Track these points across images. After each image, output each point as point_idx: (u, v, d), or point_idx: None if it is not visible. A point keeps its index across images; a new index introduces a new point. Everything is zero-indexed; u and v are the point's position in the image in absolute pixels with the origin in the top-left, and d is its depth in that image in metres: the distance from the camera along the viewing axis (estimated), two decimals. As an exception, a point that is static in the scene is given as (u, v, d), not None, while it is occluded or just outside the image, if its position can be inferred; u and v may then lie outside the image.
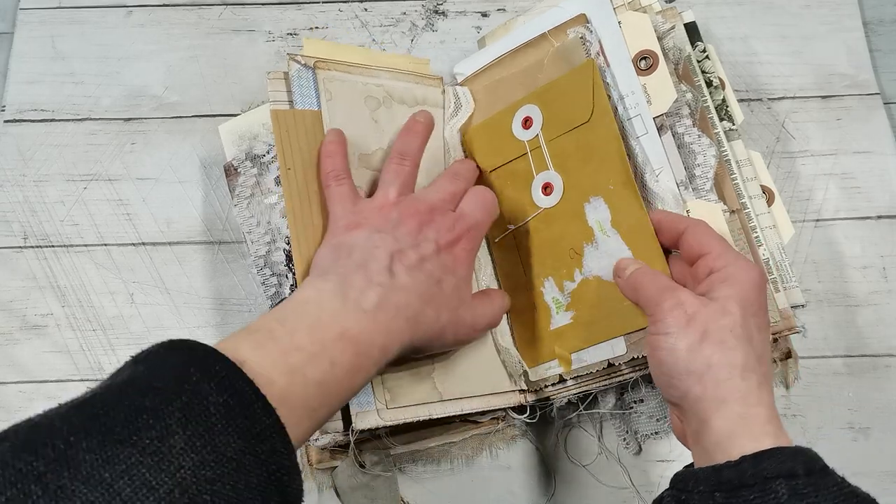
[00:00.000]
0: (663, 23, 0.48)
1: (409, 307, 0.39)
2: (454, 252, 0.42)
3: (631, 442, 0.51)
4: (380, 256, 0.39)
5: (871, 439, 0.52)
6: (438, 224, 0.42)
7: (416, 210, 0.42)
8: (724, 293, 0.38)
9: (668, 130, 0.46)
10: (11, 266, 0.56)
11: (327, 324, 0.36)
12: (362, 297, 0.37)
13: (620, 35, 0.48)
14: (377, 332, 0.37)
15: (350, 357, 0.36)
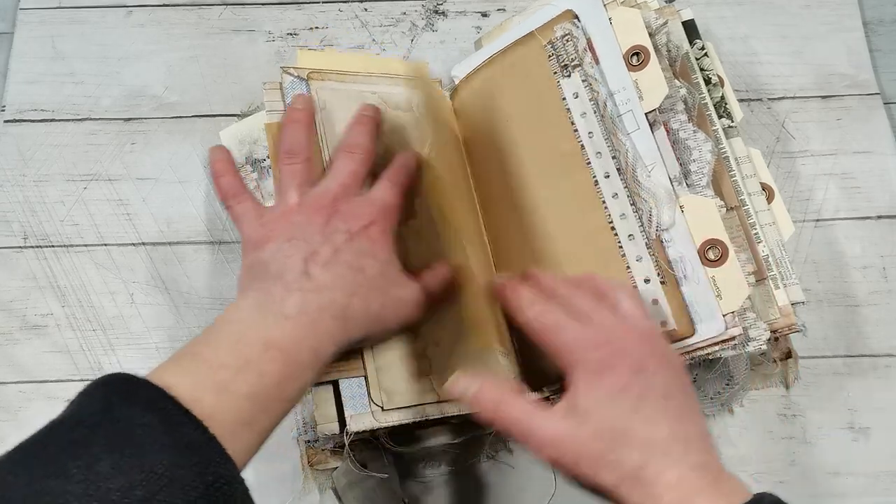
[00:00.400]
0: (656, 18, 0.48)
1: (333, 304, 0.38)
2: (369, 235, 0.42)
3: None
4: (293, 263, 0.39)
5: (871, 439, 0.52)
6: (345, 213, 0.42)
7: (318, 206, 0.42)
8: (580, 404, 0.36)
9: (660, 126, 0.46)
10: (11, 266, 0.56)
11: (251, 337, 0.36)
12: (283, 305, 0.37)
13: (611, 31, 0.48)
14: (304, 337, 0.37)
15: (279, 366, 0.35)
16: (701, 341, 0.43)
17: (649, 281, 0.44)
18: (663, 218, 0.44)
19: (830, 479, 0.51)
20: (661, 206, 0.44)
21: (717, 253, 0.43)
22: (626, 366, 0.36)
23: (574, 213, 0.47)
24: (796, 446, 0.52)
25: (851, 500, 0.51)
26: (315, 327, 0.37)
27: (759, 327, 0.43)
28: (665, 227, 0.44)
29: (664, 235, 0.45)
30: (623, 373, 0.36)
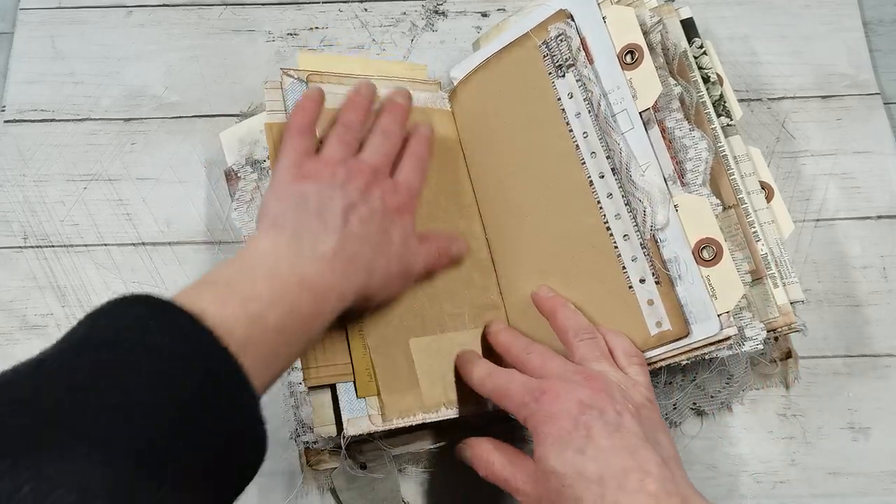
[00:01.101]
0: (651, 17, 0.48)
1: (363, 255, 0.40)
2: (400, 215, 0.44)
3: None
4: (334, 206, 0.40)
5: (871, 439, 0.52)
6: (383, 187, 0.43)
7: (360, 170, 0.43)
8: (538, 453, 0.38)
9: (655, 125, 0.46)
10: (11, 266, 0.56)
11: (285, 272, 0.36)
12: (319, 243, 0.38)
13: (605, 30, 0.47)
14: (335, 279, 0.38)
15: (308, 303, 0.36)
16: (696, 342, 0.43)
17: (644, 281, 0.44)
18: (657, 218, 0.44)
19: (830, 479, 0.51)
20: (656, 206, 0.44)
21: (712, 252, 0.43)
22: (567, 410, 0.37)
23: (569, 213, 0.47)
24: (796, 446, 0.52)
25: (851, 500, 0.51)
26: (346, 273, 0.38)
27: (755, 327, 0.43)
28: (659, 227, 0.44)
29: (659, 235, 0.44)
30: (564, 417, 0.37)
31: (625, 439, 0.36)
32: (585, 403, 0.37)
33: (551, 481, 0.37)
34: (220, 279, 0.35)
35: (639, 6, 0.48)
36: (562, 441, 0.37)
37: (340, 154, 0.43)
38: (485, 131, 0.52)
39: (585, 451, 0.36)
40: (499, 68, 0.51)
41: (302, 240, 0.38)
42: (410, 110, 0.49)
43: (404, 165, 0.46)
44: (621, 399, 0.38)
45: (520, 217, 0.50)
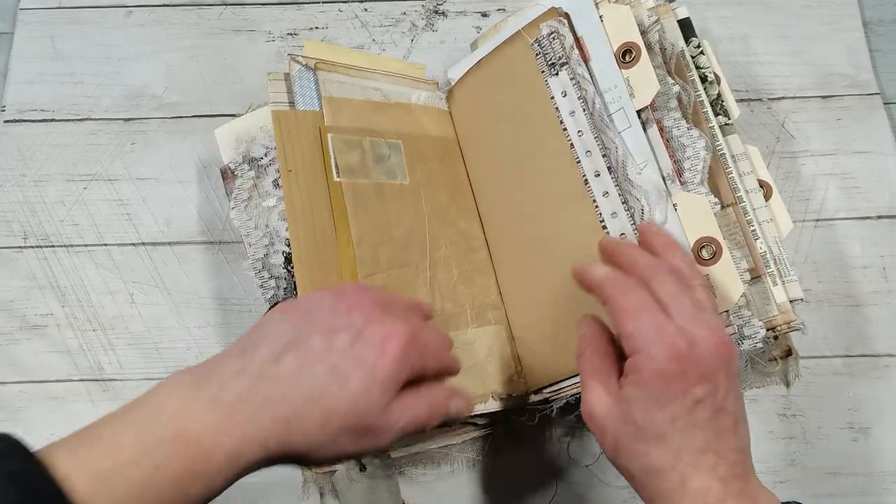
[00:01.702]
0: (649, 17, 0.48)
1: (282, 403, 0.32)
2: (384, 347, 0.34)
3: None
4: (276, 342, 0.34)
5: (871, 439, 0.52)
6: (373, 315, 0.35)
7: (354, 293, 0.36)
8: (627, 393, 0.35)
9: (653, 124, 0.46)
10: (11, 266, 0.56)
11: (165, 419, 0.31)
12: (222, 388, 0.32)
13: (602, 28, 0.47)
14: (226, 433, 0.31)
15: (183, 461, 0.30)
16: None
17: None
18: (655, 216, 0.44)
19: (830, 479, 0.51)
20: (653, 204, 0.44)
21: (711, 251, 0.43)
22: (693, 377, 0.34)
23: (565, 211, 0.47)
24: (796, 446, 0.52)
25: (851, 500, 0.51)
26: (247, 427, 0.31)
27: (753, 325, 0.43)
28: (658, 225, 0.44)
29: None
30: (686, 384, 0.34)
31: (719, 423, 0.35)
32: (706, 377, 0.35)
33: (627, 426, 0.35)
34: (96, 424, 0.31)
35: (636, 6, 0.48)
36: (660, 402, 0.35)
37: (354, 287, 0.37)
38: (481, 131, 0.52)
39: (677, 422, 0.34)
40: (492, 68, 0.51)
41: (205, 381, 0.32)
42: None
43: (429, 325, 0.38)
44: (734, 380, 0.36)
45: (516, 216, 0.50)
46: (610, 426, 0.36)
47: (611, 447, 0.36)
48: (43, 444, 0.49)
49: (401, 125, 0.51)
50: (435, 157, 0.52)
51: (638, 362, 0.35)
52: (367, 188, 0.47)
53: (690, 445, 0.35)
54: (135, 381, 0.54)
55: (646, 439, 0.35)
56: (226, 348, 0.34)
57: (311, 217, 0.45)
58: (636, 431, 0.35)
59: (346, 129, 0.48)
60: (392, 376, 0.34)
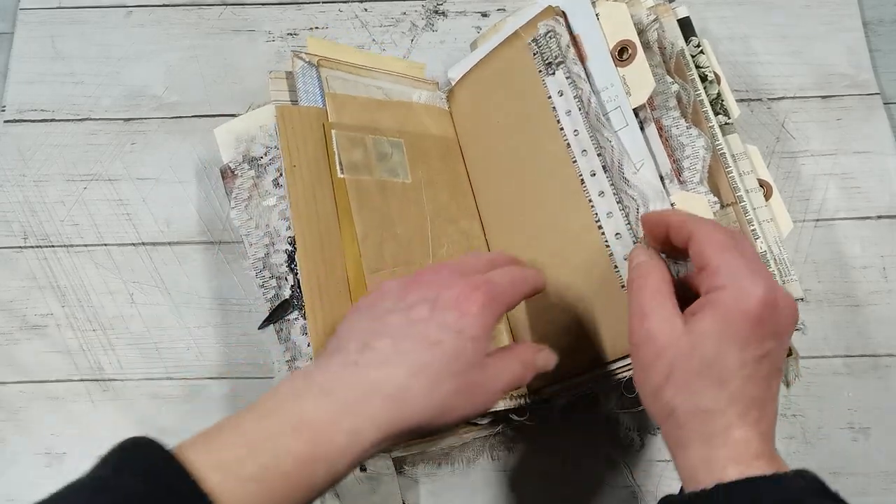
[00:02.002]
0: (647, 16, 0.48)
1: (387, 383, 0.34)
2: (461, 307, 0.36)
3: (634, 438, 0.51)
4: (360, 335, 0.36)
5: (871, 439, 0.52)
6: (442, 280, 0.37)
7: (417, 275, 0.38)
8: (704, 326, 0.34)
9: (651, 123, 0.46)
10: (11, 266, 0.56)
11: (283, 411, 0.33)
12: (328, 380, 0.34)
13: (598, 26, 0.47)
14: (342, 414, 0.33)
15: (304, 445, 0.32)
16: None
17: None
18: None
19: (830, 479, 0.51)
20: (648, 204, 0.44)
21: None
22: (770, 330, 0.34)
23: (561, 211, 0.47)
24: (796, 446, 0.52)
25: (851, 500, 0.50)
26: (358, 407, 0.33)
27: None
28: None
29: None
30: (764, 333, 0.34)
31: (772, 383, 0.35)
32: (779, 334, 0.34)
33: (692, 360, 0.34)
34: (221, 423, 0.33)
35: (635, 5, 0.48)
36: (737, 343, 0.33)
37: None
38: (480, 131, 0.52)
39: (744, 368, 0.34)
40: (491, 68, 0.51)
41: (313, 376, 0.34)
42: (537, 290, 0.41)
43: (499, 270, 0.39)
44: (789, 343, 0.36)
45: (515, 216, 0.50)
46: (670, 354, 0.34)
47: (661, 376, 0.34)
48: (43, 443, 0.49)
49: (403, 124, 0.51)
50: (436, 156, 0.52)
51: (722, 298, 0.34)
52: (371, 185, 0.47)
53: (745, 395, 0.34)
54: (135, 381, 0.54)
55: (707, 377, 0.33)
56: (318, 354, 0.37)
57: (315, 213, 0.45)
58: (700, 367, 0.34)
59: (349, 126, 0.48)
60: (480, 328, 0.36)
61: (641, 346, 0.35)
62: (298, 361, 0.45)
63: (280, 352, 0.46)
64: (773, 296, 0.34)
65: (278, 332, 0.46)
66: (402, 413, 0.34)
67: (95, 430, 0.52)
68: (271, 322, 0.47)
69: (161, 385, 0.54)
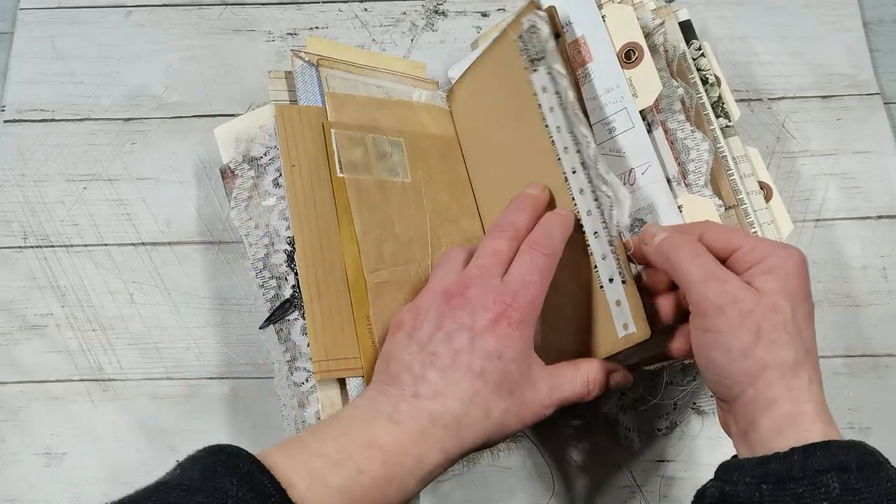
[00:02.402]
0: (653, 19, 0.48)
1: (445, 413, 0.36)
2: (497, 331, 0.37)
3: (633, 439, 0.51)
4: (410, 364, 0.38)
5: (871, 439, 0.52)
6: (474, 303, 0.38)
7: (450, 294, 0.39)
8: (771, 286, 0.35)
9: (659, 126, 0.46)
10: (11, 266, 0.56)
11: (356, 433, 0.36)
12: (394, 409, 0.36)
13: (604, 28, 0.47)
14: (410, 443, 0.36)
15: (379, 465, 0.35)
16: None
17: (612, 280, 0.42)
18: (622, 219, 0.42)
19: (830, 479, 0.51)
20: (620, 207, 0.42)
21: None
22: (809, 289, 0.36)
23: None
24: (796, 446, 0.52)
25: (851, 500, 0.51)
26: (423, 435, 0.36)
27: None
28: (623, 228, 0.42)
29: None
30: (809, 288, 0.36)
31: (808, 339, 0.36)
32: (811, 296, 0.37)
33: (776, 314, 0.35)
34: (295, 438, 0.36)
35: (638, 8, 0.48)
36: (799, 295, 0.35)
37: (451, 274, 0.40)
38: (478, 129, 0.52)
39: (807, 318, 0.36)
40: (484, 67, 0.51)
41: (378, 406, 0.37)
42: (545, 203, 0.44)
43: (517, 261, 0.40)
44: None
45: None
46: (758, 313, 0.34)
47: (750, 335, 0.34)
48: (43, 443, 0.49)
49: (403, 123, 0.51)
50: (436, 155, 0.52)
51: (773, 263, 0.36)
52: (370, 185, 0.47)
53: (814, 348, 0.36)
54: (135, 381, 0.54)
55: (791, 331, 0.35)
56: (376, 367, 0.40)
57: (315, 212, 0.45)
58: (784, 321, 0.35)
59: (348, 125, 0.48)
60: (519, 346, 0.38)
61: (726, 308, 0.35)
62: (298, 361, 0.45)
63: (280, 352, 0.46)
64: (803, 258, 0.36)
65: (278, 333, 0.46)
66: (462, 438, 0.37)
67: (95, 430, 0.52)
68: (272, 322, 0.47)
69: (161, 385, 0.54)
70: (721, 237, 0.38)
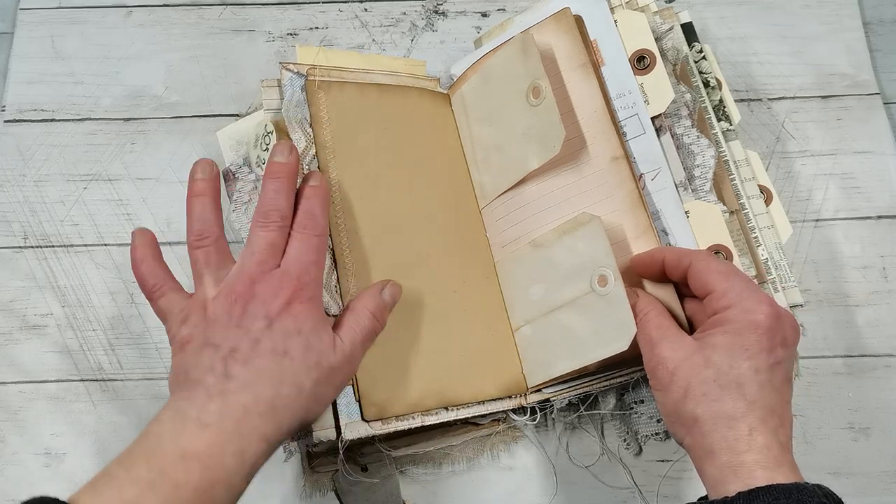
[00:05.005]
0: (661, 23, 0.48)
1: (258, 400, 0.36)
2: (291, 312, 0.39)
3: (631, 443, 0.51)
4: (211, 365, 0.37)
5: (871, 439, 0.52)
6: (262, 294, 0.39)
7: (235, 294, 0.39)
8: (717, 340, 0.37)
9: (667, 131, 0.46)
10: (11, 266, 0.56)
11: (166, 449, 0.34)
12: (202, 412, 0.35)
13: (616, 33, 0.47)
14: (226, 442, 0.35)
15: (198, 474, 0.34)
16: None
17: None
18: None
19: (830, 479, 0.51)
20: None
21: (723, 259, 0.43)
22: (778, 339, 0.37)
23: None
24: (796, 446, 0.52)
25: (851, 500, 0.50)
26: (239, 430, 0.35)
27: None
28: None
29: (669, 241, 0.44)
30: (774, 341, 0.37)
31: (786, 392, 0.37)
32: (787, 345, 0.37)
33: (707, 370, 0.37)
34: (103, 473, 0.34)
35: (644, 11, 0.48)
36: (749, 351, 0.36)
37: (211, 283, 0.40)
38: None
39: (759, 374, 0.36)
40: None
41: (185, 414, 0.35)
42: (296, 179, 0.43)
43: (291, 236, 0.41)
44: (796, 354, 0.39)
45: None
46: (685, 370, 0.37)
47: (681, 389, 0.37)
48: (43, 443, 0.49)
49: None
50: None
51: (730, 315, 0.37)
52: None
53: (763, 402, 0.36)
54: (134, 381, 0.54)
55: (725, 384, 0.36)
56: (171, 387, 0.39)
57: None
58: (717, 375, 0.36)
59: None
60: (313, 318, 0.39)
61: (656, 369, 0.38)
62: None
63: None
64: (777, 310, 0.37)
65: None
66: (280, 421, 0.37)
67: (95, 430, 0.52)
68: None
69: (161, 385, 0.54)
70: (701, 277, 0.39)
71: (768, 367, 0.36)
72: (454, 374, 0.46)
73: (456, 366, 0.47)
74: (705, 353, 0.37)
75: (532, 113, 0.47)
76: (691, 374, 0.37)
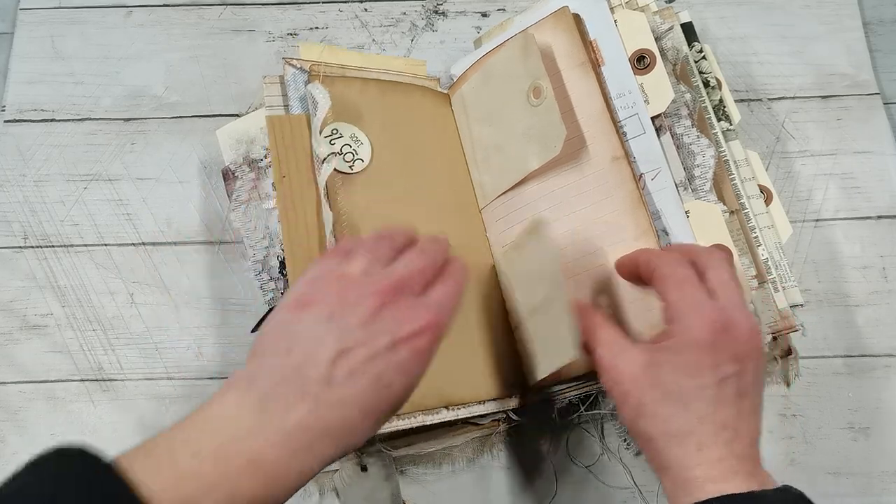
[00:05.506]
0: (661, 23, 0.48)
1: (342, 423, 0.33)
2: (415, 346, 0.34)
3: (631, 442, 0.51)
4: (320, 357, 0.33)
5: (871, 439, 0.52)
6: (400, 308, 0.34)
7: (377, 287, 0.35)
8: (661, 357, 0.37)
9: (667, 131, 0.46)
10: (11, 266, 0.56)
11: (237, 448, 0.32)
12: (287, 413, 0.32)
13: (616, 33, 0.47)
14: (294, 458, 0.32)
15: (258, 486, 0.32)
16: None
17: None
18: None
19: (830, 479, 0.51)
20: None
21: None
22: (725, 354, 0.37)
23: None
24: (796, 446, 0.52)
25: (851, 500, 0.51)
26: (311, 449, 0.33)
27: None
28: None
29: (668, 242, 0.45)
30: (717, 358, 0.37)
31: (742, 405, 0.37)
32: (738, 359, 0.37)
33: (654, 389, 0.37)
34: (162, 445, 0.32)
35: (644, 11, 0.48)
36: (690, 369, 0.36)
37: (363, 261, 0.36)
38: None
39: (704, 391, 0.36)
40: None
41: (267, 406, 0.32)
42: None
43: (441, 282, 0.37)
44: (760, 370, 0.38)
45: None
46: (635, 390, 0.37)
47: (633, 409, 0.37)
48: (43, 443, 0.49)
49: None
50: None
51: (674, 329, 0.37)
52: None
53: (713, 417, 0.36)
54: (134, 381, 0.54)
55: (671, 403, 0.36)
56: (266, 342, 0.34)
57: (304, 223, 0.45)
58: (663, 395, 0.37)
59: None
60: (423, 369, 0.35)
61: (611, 391, 0.39)
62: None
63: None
64: (715, 324, 0.37)
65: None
66: (346, 448, 0.34)
67: (95, 430, 0.52)
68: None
69: (161, 385, 0.54)
70: (658, 284, 0.39)
71: (715, 384, 0.36)
72: (455, 374, 0.46)
73: (457, 365, 0.47)
74: (652, 371, 0.37)
75: (532, 113, 0.47)
76: (641, 395, 0.37)
